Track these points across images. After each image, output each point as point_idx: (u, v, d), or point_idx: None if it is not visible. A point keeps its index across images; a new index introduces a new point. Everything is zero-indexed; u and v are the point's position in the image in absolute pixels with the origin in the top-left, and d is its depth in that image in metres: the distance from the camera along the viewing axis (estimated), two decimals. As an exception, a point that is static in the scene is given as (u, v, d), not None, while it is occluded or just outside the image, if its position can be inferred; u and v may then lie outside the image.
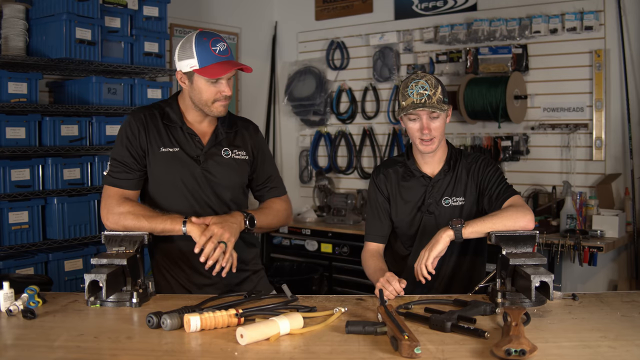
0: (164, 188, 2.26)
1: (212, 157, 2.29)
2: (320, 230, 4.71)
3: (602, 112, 4.08)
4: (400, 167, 2.44)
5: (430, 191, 2.36)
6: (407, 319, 1.75)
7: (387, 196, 2.43)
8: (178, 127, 2.28)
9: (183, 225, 2.11)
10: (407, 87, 2.27)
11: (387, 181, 2.43)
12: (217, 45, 2.18)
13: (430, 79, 2.26)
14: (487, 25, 4.41)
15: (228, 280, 2.28)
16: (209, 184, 2.27)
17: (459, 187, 2.36)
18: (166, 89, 4.12)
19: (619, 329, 1.69)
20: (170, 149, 2.25)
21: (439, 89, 2.27)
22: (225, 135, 2.34)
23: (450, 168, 2.37)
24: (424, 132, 2.25)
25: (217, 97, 2.21)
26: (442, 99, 2.26)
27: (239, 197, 2.38)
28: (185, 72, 2.21)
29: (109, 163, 2.25)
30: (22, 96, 3.41)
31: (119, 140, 2.26)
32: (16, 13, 3.47)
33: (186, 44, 2.19)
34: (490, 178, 2.33)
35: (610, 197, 4.00)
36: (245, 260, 2.38)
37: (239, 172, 2.35)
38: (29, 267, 3.36)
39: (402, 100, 2.29)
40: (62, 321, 1.82)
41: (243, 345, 1.58)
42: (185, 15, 4.80)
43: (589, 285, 4.11)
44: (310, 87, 5.33)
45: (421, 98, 2.23)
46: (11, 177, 3.36)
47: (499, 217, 2.11)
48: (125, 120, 2.29)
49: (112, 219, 2.15)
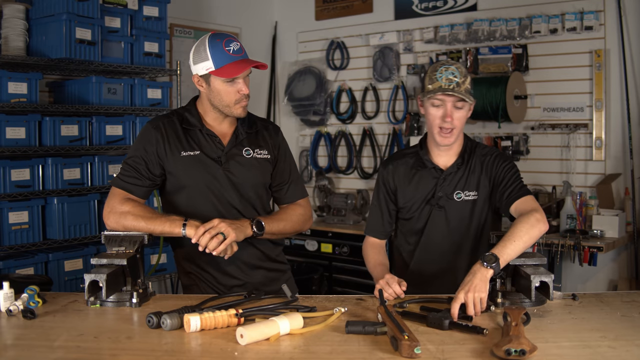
0: (187, 192, 2.26)
1: (233, 158, 2.28)
2: (320, 230, 4.71)
3: (602, 112, 4.08)
4: (411, 157, 2.36)
5: (441, 184, 2.28)
6: (403, 318, 1.75)
7: (394, 189, 2.36)
8: (197, 130, 2.27)
9: (182, 228, 2.10)
10: (436, 70, 2.19)
11: (396, 172, 2.36)
12: (231, 45, 2.18)
13: (461, 68, 2.20)
14: (487, 25, 4.41)
15: (257, 281, 2.30)
16: (231, 185, 2.26)
17: (472, 180, 2.28)
18: (166, 89, 4.12)
19: (619, 329, 1.69)
20: (191, 153, 2.24)
21: (468, 79, 2.20)
22: (246, 135, 2.33)
23: (464, 162, 2.29)
24: (447, 119, 2.17)
25: (237, 97, 2.21)
26: (469, 90, 2.20)
27: (263, 196, 2.36)
28: (201, 76, 2.21)
29: (120, 167, 2.25)
30: (22, 96, 3.41)
31: (135, 146, 2.26)
32: (16, 13, 3.47)
33: (200, 47, 2.19)
34: (505, 174, 2.24)
35: (610, 197, 4.00)
36: (271, 257, 2.38)
37: (262, 171, 2.33)
38: (29, 267, 3.36)
39: (429, 83, 2.19)
40: (62, 321, 1.82)
41: (243, 345, 1.58)
42: (185, 15, 4.80)
43: (589, 285, 4.11)
44: (310, 87, 5.33)
45: (450, 84, 2.15)
46: (11, 177, 3.36)
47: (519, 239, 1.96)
48: (143, 127, 2.29)
49: (113, 218, 2.15)
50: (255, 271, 2.33)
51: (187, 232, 2.09)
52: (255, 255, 2.32)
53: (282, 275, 2.43)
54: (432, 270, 2.33)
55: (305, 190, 2.49)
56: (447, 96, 2.17)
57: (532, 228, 1.98)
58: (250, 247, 2.29)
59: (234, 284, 2.29)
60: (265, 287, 2.29)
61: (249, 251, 2.29)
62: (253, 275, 2.32)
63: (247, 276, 2.30)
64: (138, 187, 2.22)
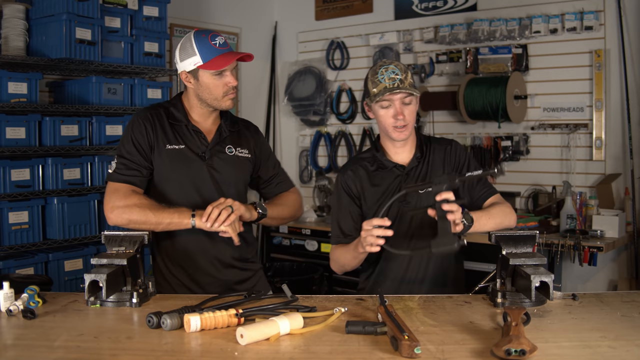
0: (170, 185, 2.28)
1: (216, 154, 2.32)
2: (320, 230, 4.71)
3: (602, 112, 4.08)
4: (369, 161, 2.34)
5: (405, 180, 2.27)
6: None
7: (357, 194, 2.32)
8: (183, 125, 2.30)
9: (192, 218, 2.13)
10: (377, 73, 2.20)
11: (356, 178, 2.32)
12: (216, 39, 2.23)
13: (399, 65, 2.22)
14: (487, 25, 4.41)
15: (228, 278, 2.32)
16: (213, 181, 2.30)
17: (434, 172, 2.28)
18: (166, 89, 4.12)
19: (619, 329, 1.69)
20: (175, 146, 2.27)
21: (409, 73, 2.22)
22: (229, 133, 2.37)
23: (422, 154, 2.31)
24: (399, 117, 2.18)
25: (226, 89, 2.25)
26: (412, 84, 2.21)
27: (243, 194, 2.41)
28: (189, 71, 2.24)
29: (114, 162, 2.25)
30: (22, 96, 3.41)
31: (125, 138, 2.27)
32: (16, 13, 3.47)
33: (186, 44, 2.23)
34: (468, 164, 2.30)
35: (610, 197, 4.00)
36: (245, 258, 2.40)
37: (242, 169, 2.38)
38: (29, 267, 3.36)
39: (373, 87, 2.20)
40: (62, 321, 1.82)
41: (243, 345, 1.58)
42: (185, 15, 4.80)
43: (589, 285, 4.11)
44: (310, 87, 5.33)
45: (393, 82, 2.16)
46: (11, 177, 3.36)
47: (495, 215, 2.13)
48: (131, 119, 2.30)
49: (117, 211, 2.15)
50: (228, 269, 2.35)
51: (196, 223, 2.12)
52: (230, 254, 2.34)
53: (253, 275, 2.44)
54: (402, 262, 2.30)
55: (291, 179, 2.56)
56: (393, 95, 2.18)
57: (506, 216, 2.18)
58: (227, 246, 2.30)
59: (208, 280, 2.31)
60: (236, 285, 2.33)
61: (226, 250, 2.32)
62: (225, 273, 2.34)
63: (220, 274, 2.33)
64: (138, 177, 2.23)
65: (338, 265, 2.35)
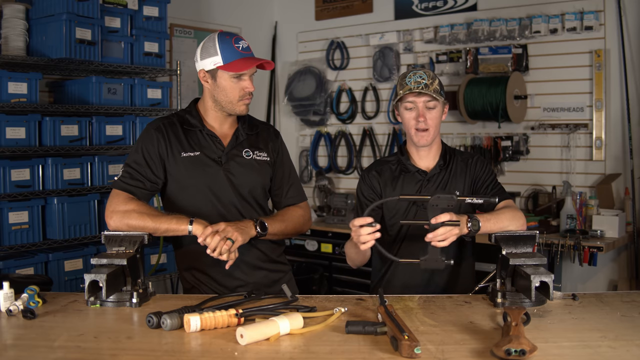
0: (188, 192, 2.27)
1: (233, 159, 2.30)
2: (320, 230, 4.71)
3: (602, 112, 4.08)
4: (394, 164, 2.41)
5: (425, 186, 2.34)
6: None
7: (380, 193, 2.38)
8: (198, 130, 2.29)
9: (190, 224, 2.11)
10: (405, 77, 2.29)
11: (380, 178, 2.39)
12: (240, 42, 2.24)
13: (428, 72, 2.29)
14: (487, 25, 4.41)
15: (258, 281, 2.31)
16: (231, 185, 2.28)
17: (454, 182, 2.34)
18: (166, 89, 4.12)
19: (619, 329, 1.69)
20: (191, 153, 2.26)
21: (437, 80, 2.29)
22: (246, 136, 2.35)
23: (445, 163, 2.36)
24: (420, 119, 2.25)
25: (242, 94, 2.24)
26: (438, 90, 2.27)
27: (262, 197, 2.38)
28: (208, 71, 2.23)
29: (121, 169, 2.25)
30: (22, 96, 3.41)
31: (135, 148, 2.27)
32: (16, 13, 3.47)
33: (208, 43, 2.23)
34: (486, 178, 2.34)
35: (610, 197, 4.00)
36: (274, 259, 2.39)
37: (261, 173, 2.35)
38: (29, 267, 3.36)
39: (400, 89, 2.29)
40: (62, 321, 1.82)
41: (243, 345, 1.58)
42: (185, 15, 4.80)
43: (589, 285, 4.11)
44: (310, 87, 5.34)
45: (418, 86, 2.23)
46: (11, 177, 3.36)
47: (502, 219, 2.11)
48: (144, 129, 2.30)
49: (117, 217, 2.14)
50: (257, 272, 2.34)
51: (194, 230, 2.10)
52: (257, 256, 2.33)
53: (284, 276, 2.43)
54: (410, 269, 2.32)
55: (304, 193, 2.51)
56: (416, 97, 2.25)
57: (512, 220, 2.12)
58: (253, 248, 2.29)
59: (236, 284, 2.29)
60: (266, 287, 2.30)
61: (251, 252, 2.30)
62: (255, 275, 2.33)
63: (248, 277, 2.31)
64: (140, 189, 2.22)
65: (349, 259, 2.39)
